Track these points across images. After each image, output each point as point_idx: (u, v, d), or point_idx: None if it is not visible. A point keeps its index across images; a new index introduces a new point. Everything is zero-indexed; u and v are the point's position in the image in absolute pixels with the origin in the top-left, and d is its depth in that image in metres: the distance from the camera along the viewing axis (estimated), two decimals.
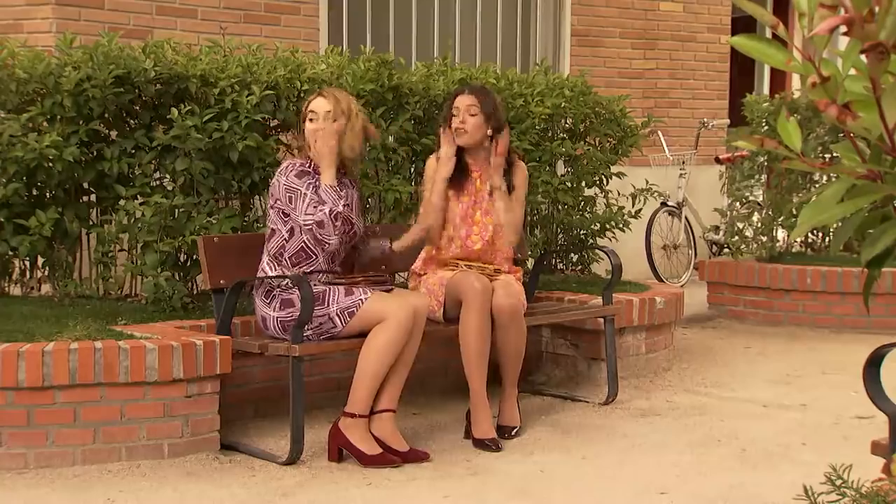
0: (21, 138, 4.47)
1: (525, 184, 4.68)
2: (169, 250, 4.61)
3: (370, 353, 4.00)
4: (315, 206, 4.08)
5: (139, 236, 4.65)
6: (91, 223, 4.82)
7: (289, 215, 4.13)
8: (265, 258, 4.21)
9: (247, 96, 4.67)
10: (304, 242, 4.16)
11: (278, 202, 4.14)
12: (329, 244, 4.12)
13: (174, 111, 4.55)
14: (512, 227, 4.57)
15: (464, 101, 4.53)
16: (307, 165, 4.17)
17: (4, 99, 4.63)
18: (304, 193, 4.10)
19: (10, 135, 4.47)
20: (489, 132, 4.53)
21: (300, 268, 4.16)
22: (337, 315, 4.07)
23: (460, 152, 4.59)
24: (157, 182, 4.78)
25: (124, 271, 4.77)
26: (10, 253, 4.69)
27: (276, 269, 4.17)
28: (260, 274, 4.21)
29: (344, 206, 4.10)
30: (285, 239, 4.16)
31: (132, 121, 4.79)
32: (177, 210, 4.70)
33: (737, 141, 1.55)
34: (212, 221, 4.66)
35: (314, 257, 4.18)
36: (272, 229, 4.19)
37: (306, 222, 4.09)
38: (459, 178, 4.60)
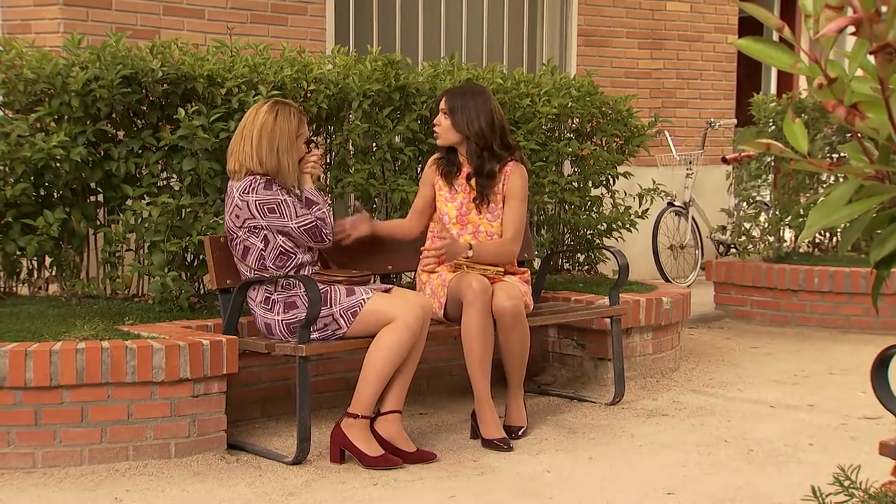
0: (29, 138, 4.48)
1: (521, 188, 4.56)
2: (176, 250, 4.61)
3: (377, 354, 4.00)
4: (297, 208, 4.10)
5: (146, 236, 4.65)
6: (98, 223, 4.83)
7: (259, 228, 4.09)
8: (249, 273, 4.17)
9: (253, 96, 4.67)
10: (282, 244, 4.14)
11: (248, 220, 4.08)
12: (329, 240, 4.20)
13: (181, 111, 4.56)
14: (505, 260, 4.58)
15: (441, 104, 4.57)
16: (262, 179, 4.10)
17: (12, 99, 4.64)
18: (285, 200, 4.08)
19: (18, 135, 4.48)
20: (465, 134, 4.50)
21: (286, 269, 4.16)
22: (341, 315, 4.07)
23: (453, 149, 4.60)
24: (164, 182, 4.79)
25: (131, 271, 4.78)
26: (18, 253, 4.69)
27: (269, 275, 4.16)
28: (251, 292, 4.19)
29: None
30: (262, 250, 4.13)
31: (139, 121, 4.80)
32: (184, 210, 4.71)
33: (744, 143, 1.55)
34: (218, 221, 4.67)
35: (294, 255, 4.17)
36: (245, 247, 4.14)
37: (305, 223, 4.10)
38: (452, 175, 4.60)
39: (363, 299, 4.08)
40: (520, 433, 4.44)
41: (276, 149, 4.10)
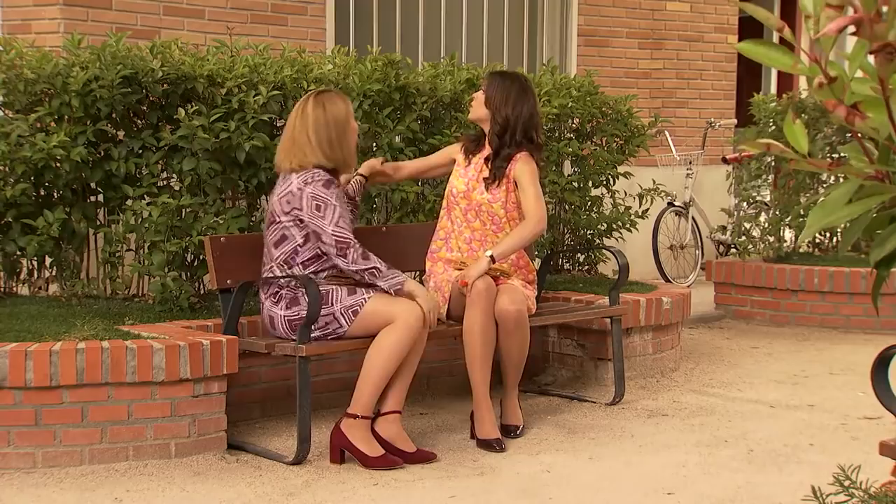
0: (29, 138, 4.48)
1: (529, 172, 4.53)
2: (176, 250, 4.61)
3: (377, 354, 4.00)
4: (343, 220, 4.06)
5: (146, 236, 4.65)
6: (98, 223, 4.83)
7: (303, 221, 4.08)
8: (272, 264, 4.16)
9: (254, 96, 4.67)
10: (319, 248, 4.14)
11: (295, 210, 4.06)
12: (350, 262, 4.05)
13: (181, 111, 4.56)
14: (531, 242, 4.67)
15: (483, 80, 4.74)
16: (326, 175, 4.10)
17: (13, 99, 4.64)
18: (334, 205, 4.05)
19: (18, 135, 4.48)
20: (492, 112, 4.54)
21: (313, 270, 4.14)
22: (342, 314, 4.07)
23: (483, 133, 4.65)
24: (165, 182, 4.79)
25: (131, 271, 4.78)
26: (18, 253, 4.69)
27: (285, 273, 4.15)
28: (268, 276, 4.19)
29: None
30: (299, 245, 4.12)
31: (139, 121, 4.80)
32: (184, 210, 4.71)
33: (744, 143, 1.55)
34: (219, 221, 4.67)
35: (325, 258, 4.16)
36: (283, 235, 4.12)
37: (340, 235, 4.03)
38: (471, 152, 4.67)
39: (364, 299, 4.08)
40: (517, 432, 4.44)
41: (335, 138, 4.12)
